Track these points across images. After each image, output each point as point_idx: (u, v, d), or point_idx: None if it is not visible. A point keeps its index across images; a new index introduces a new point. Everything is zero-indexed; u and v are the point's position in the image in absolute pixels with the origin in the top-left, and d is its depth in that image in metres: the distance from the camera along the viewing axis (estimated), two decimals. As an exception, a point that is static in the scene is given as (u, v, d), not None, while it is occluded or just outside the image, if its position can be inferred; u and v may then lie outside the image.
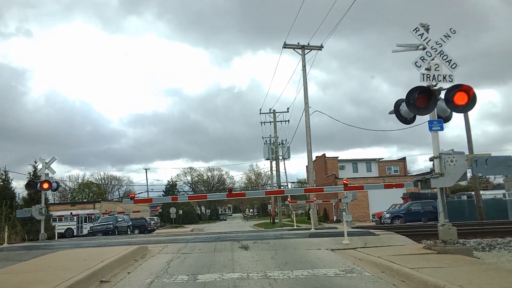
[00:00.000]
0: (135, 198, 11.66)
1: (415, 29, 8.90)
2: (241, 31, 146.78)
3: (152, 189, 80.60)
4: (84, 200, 70.83)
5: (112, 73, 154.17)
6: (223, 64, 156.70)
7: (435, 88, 8.67)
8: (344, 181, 15.88)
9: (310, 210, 28.10)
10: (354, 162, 56.72)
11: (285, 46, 29.10)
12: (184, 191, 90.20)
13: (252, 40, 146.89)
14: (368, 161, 56.83)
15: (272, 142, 46.52)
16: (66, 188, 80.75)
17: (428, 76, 8.67)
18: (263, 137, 48.23)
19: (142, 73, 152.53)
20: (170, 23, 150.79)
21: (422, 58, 8.75)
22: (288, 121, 45.16)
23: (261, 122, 46.07)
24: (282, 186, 48.70)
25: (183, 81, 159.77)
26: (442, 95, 8.72)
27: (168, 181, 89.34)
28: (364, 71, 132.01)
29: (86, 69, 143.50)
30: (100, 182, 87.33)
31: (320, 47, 29.09)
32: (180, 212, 62.51)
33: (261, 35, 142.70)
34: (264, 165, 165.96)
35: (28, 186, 20.17)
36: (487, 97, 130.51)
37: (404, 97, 8.73)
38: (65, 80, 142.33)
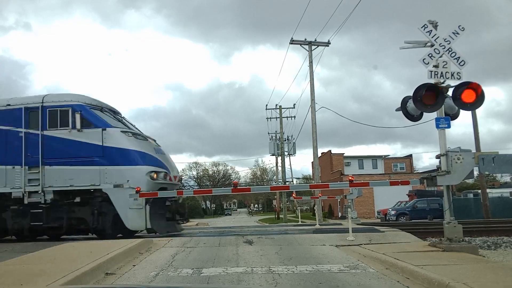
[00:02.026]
0: (141, 192, 11.69)
1: (423, 26, 8.83)
2: (241, 26, 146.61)
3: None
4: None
5: (112, 67, 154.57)
6: (223, 59, 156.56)
7: (442, 85, 8.60)
8: (350, 178, 15.82)
9: (315, 206, 28.11)
10: (360, 158, 56.60)
11: (292, 42, 28.96)
12: (189, 185, 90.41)
13: (252, 35, 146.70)
14: (374, 158, 56.66)
15: (277, 138, 46.55)
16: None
17: (436, 73, 8.61)
18: (269, 133, 48.34)
19: (143, 68, 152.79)
20: (169, 18, 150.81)
21: (430, 55, 8.69)
22: (294, 117, 45.16)
23: (267, 118, 46.11)
24: (288, 181, 48.67)
25: (183, 76, 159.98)
26: (449, 93, 8.67)
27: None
28: (366, 68, 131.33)
29: (87, 63, 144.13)
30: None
31: (327, 43, 28.97)
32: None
33: (261, 31, 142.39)
34: (269, 161, 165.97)
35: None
36: (492, 95, 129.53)
37: (411, 94, 8.70)
38: (66, 74, 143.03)
